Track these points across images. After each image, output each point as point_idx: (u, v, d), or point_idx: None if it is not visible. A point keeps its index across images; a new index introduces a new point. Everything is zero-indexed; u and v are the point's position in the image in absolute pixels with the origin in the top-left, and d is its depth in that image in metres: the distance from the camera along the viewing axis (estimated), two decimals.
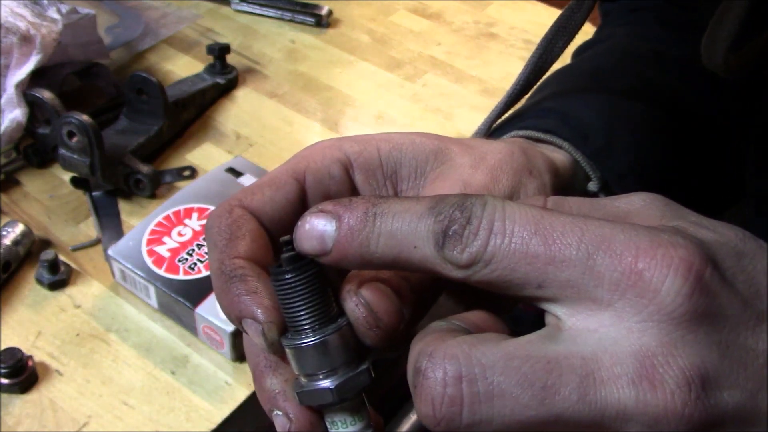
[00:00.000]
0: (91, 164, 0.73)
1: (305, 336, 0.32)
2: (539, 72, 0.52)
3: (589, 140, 0.49)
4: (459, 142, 0.41)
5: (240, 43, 0.98)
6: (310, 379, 0.32)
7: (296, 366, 0.33)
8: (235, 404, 0.62)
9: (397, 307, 0.33)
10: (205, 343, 0.65)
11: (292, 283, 0.31)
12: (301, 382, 0.33)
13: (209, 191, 0.72)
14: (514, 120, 0.53)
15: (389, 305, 0.32)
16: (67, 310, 0.68)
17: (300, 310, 0.32)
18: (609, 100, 0.54)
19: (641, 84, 0.57)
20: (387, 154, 0.39)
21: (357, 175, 0.39)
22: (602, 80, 0.57)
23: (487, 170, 0.40)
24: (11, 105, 0.75)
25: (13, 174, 0.80)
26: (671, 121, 0.55)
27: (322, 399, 0.32)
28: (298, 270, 0.31)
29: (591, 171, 0.49)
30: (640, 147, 0.52)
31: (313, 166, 0.38)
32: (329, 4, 1.03)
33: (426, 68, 0.96)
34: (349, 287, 0.32)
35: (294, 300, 0.32)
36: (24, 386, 0.61)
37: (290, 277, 0.31)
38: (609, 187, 0.50)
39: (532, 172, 0.42)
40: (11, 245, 0.69)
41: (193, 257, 0.67)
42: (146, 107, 0.81)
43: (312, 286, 0.32)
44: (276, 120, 0.88)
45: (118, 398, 0.61)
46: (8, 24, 0.76)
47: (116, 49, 0.95)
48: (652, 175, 0.52)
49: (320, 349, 0.32)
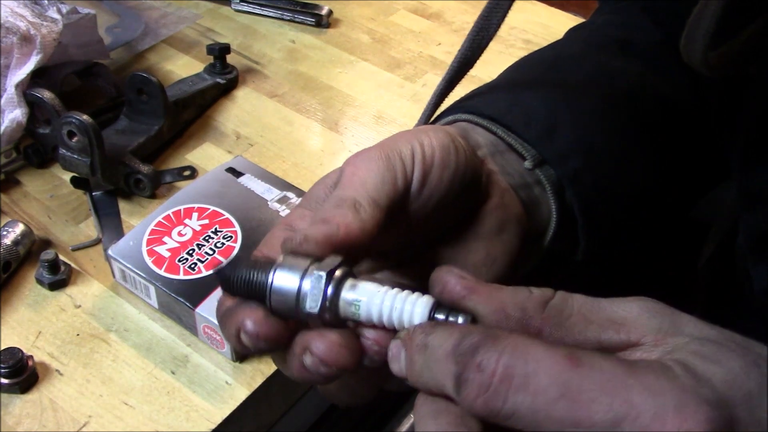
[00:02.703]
0: (91, 164, 0.73)
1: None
2: (476, 51, 0.54)
3: (531, 125, 0.52)
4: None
5: (240, 43, 0.98)
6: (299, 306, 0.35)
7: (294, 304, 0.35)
8: (235, 404, 0.62)
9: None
10: (205, 343, 0.65)
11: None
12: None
13: (209, 191, 0.72)
14: (461, 101, 0.56)
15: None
16: (67, 310, 0.68)
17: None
18: (560, 87, 0.56)
19: (598, 72, 0.59)
20: None
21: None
22: (559, 69, 0.59)
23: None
24: (11, 105, 0.75)
25: (13, 174, 0.80)
26: (629, 106, 0.57)
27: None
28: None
29: (524, 151, 0.51)
30: (586, 128, 0.54)
31: None
32: (329, 4, 1.03)
33: (426, 68, 0.96)
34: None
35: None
36: (24, 386, 0.61)
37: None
38: (546, 165, 0.52)
39: (465, 158, 0.45)
40: (11, 245, 0.69)
41: (193, 257, 0.67)
42: (146, 107, 0.81)
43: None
44: (276, 120, 0.88)
45: (118, 398, 0.61)
46: (8, 24, 0.76)
47: (116, 49, 0.95)
48: (601, 156, 0.53)
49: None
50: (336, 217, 0.37)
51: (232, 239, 0.68)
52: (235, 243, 0.68)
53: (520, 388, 0.28)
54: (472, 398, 0.29)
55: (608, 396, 0.28)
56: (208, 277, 0.65)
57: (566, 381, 0.28)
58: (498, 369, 0.29)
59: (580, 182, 0.52)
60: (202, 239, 0.68)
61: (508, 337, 0.30)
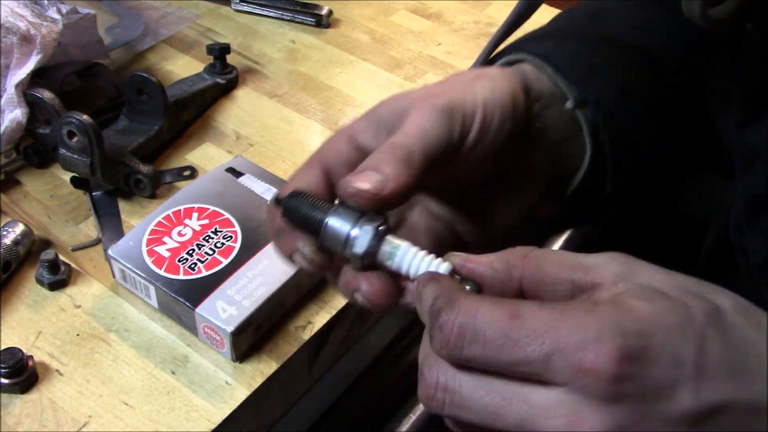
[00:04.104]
0: (91, 164, 0.73)
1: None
2: (532, 6, 0.58)
3: (575, 67, 0.55)
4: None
5: (240, 43, 0.98)
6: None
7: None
8: (235, 404, 0.62)
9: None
10: (205, 343, 0.65)
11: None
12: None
13: (209, 191, 0.72)
14: (516, 43, 0.60)
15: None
16: (67, 310, 0.68)
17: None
18: (601, 36, 0.60)
19: (637, 26, 0.62)
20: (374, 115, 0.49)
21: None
22: (601, 20, 0.63)
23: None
24: (11, 105, 0.75)
25: (13, 174, 0.80)
26: (660, 61, 0.61)
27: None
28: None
29: (568, 91, 0.55)
30: (622, 76, 0.58)
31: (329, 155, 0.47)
32: (329, 4, 1.03)
33: (426, 68, 0.96)
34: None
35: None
36: (24, 386, 0.61)
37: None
38: (587, 106, 0.55)
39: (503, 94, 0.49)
40: (11, 245, 0.69)
41: (193, 257, 0.67)
42: (146, 107, 0.81)
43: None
44: (276, 120, 0.88)
45: (118, 398, 0.61)
46: (8, 24, 0.76)
47: (116, 49, 0.95)
48: (632, 102, 0.57)
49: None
50: (388, 167, 0.43)
51: (232, 239, 0.68)
52: (235, 243, 0.68)
53: (472, 341, 0.36)
54: (437, 349, 0.37)
55: (540, 337, 0.35)
56: (208, 277, 0.65)
57: (507, 331, 0.36)
58: (454, 329, 0.37)
59: (613, 123, 0.56)
60: (202, 239, 0.68)
61: (463, 301, 0.37)
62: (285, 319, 0.67)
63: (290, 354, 0.65)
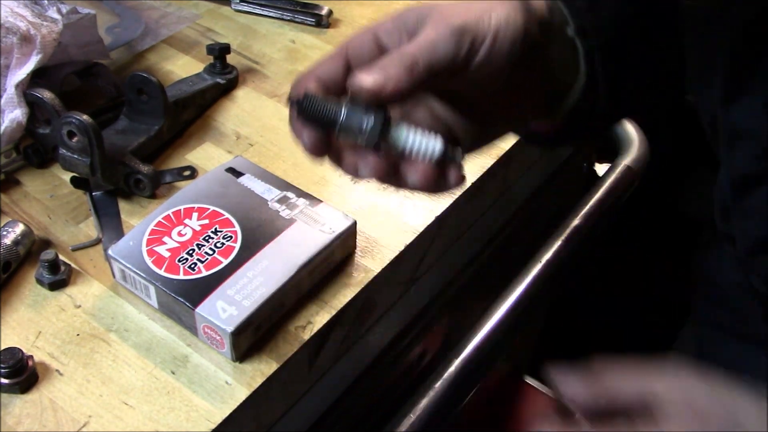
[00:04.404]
0: (91, 164, 0.73)
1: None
2: None
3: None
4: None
5: (240, 43, 0.98)
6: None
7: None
8: (235, 404, 0.62)
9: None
10: (205, 343, 0.65)
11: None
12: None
13: (209, 191, 0.72)
14: None
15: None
16: (67, 310, 0.68)
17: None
18: None
19: None
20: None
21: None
22: None
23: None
24: (11, 105, 0.76)
25: (13, 174, 0.80)
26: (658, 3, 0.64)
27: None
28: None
29: (570, 19, 0.58)
30: (620, 10, 0.60)
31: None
32: (329, 4, 1.03)
33: None
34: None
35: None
36: (24, 386, 0.61)
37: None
38: (587, 34, 0.59)
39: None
40: (11, 245, 0.69)
41: (193, 257, 0.67)
42: (146, 107, 0.81)
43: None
44: (276, 120, 0.88)
45: (118, 398, 0.61)
46: (8, 24, 0.76)
47: (116, 49, 0.95)
48: (628, 35, 0.60)
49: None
50: (393, 70, 0.48)
51: (232, 239, 0.68)
52: (235, 243, 0.68)
53: None
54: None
55: None
56: (208, 277, 0.65)
57: None
58: None
59: (609, 51, 0.59)
60: (202, 239, 0.68)
61: None
62: (285, 319, 0.67)
63: (290, 354, 0.65)
